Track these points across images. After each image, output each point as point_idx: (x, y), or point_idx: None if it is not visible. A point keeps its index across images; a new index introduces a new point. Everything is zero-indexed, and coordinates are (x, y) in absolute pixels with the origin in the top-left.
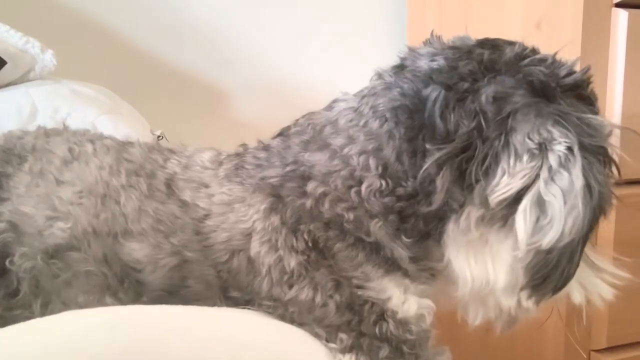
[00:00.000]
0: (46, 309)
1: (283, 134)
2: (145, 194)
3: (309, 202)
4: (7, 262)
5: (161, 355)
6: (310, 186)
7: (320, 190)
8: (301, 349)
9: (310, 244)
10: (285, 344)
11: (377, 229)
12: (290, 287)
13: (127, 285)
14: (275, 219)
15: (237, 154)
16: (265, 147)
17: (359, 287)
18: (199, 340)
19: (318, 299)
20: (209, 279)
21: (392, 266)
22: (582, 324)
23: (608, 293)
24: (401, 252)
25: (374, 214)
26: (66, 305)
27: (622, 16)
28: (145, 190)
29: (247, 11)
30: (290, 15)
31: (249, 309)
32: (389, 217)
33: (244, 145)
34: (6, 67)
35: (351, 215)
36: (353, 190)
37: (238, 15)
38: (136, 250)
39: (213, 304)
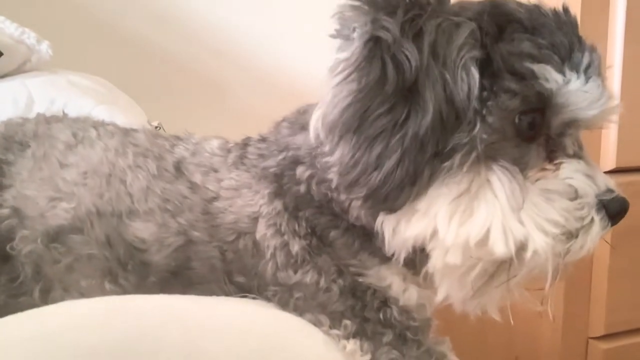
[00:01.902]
0: (47, 296)
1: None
2: (154, 173)
3: (302, 188)
4: (7, 248)
5: (158, 344)
6: (299, 171)
7: (308, 173)
8: (299, 336)
9: (309, 230)
10: (283, 331)
11: (357, 209)
12: (295, 271)
13: (130, 268)
14: (278, 204)
15: (243, 144)
16: (264, 139)
17: (359, 274)
18: (196, 329)
19: (322, 282)
20: (213, 262)
21: (385, 254)
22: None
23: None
24: None
25: None
26: (67, 292)
27: (620, 2)
28: (153, 170)
29: (245, 2)
30: (290, 7)
31: (253, 297)
32: None
33: (247, 138)
34: (2, 58)
35: (334, 195)
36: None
37: (236, 6)
38: (141, 229)
39: (218, 288)
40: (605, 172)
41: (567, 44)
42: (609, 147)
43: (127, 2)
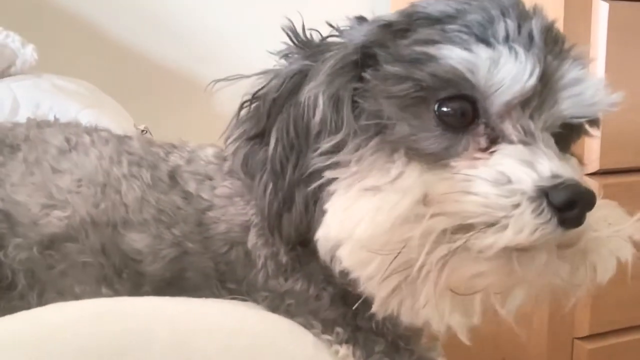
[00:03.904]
0: (41, 299)
1: None
2: (148, 184)
3: None
4: (1, 255)
5: (147, 346)
6: None
7: None
8: (289, 337)
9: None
10: (272, 331)
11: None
12: (286, 279)
13: (125, 276)
14: None
15: None
16: None
17: (347, 284)
18: (185, 330)
19: (312, 290)
20: (208, 271)
21: None
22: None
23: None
24: None
25: None
26: (61, 295)
27: (602, 7)
28: (148, 180)
29: (228, 5)
30: (276, 10)
31: (242, 299)
32: None
33: None
34: None
35: None
36: None
37: (219, 9)
38: (136, 240)
39: (210, 294)
40: (589, 174)
41: (486, 18)
42: (592, 149)
43: (113, 6)
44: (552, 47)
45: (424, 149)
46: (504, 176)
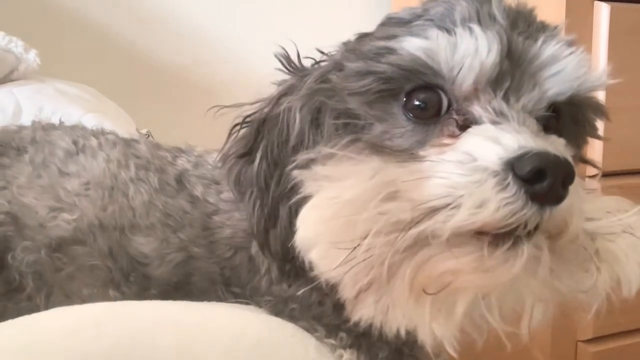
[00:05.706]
0: (49, 301)
1: None
2: (156, 187)
3: None
4: (9, 257)
5: (150, 350)
6: None
7: None
8: (291, 341)
9: None
10: (275, 337)
11: None
12: (289, 285)
13: (132, 279)
14: None
15: None
16: None
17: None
18: (187, 334)
19: (314, 296)
20: (213, 276)
21: None
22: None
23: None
24: None
25: None
26: (69, 298)
27: (603, 9)
28: (155, 184)
29: (231, 9)
30: (281, 14)
31: (246, 303)
32: None
33: None
34: None
35: None
36: None
37: (222, 13)
38: (143, 244)
39: (215, 297)
40: (591, 177)
41: (447, 8)
42: (594, 151)
43: (115, 10)
44: (523, 27)
45: (397, 146)
46: (470, 156)
